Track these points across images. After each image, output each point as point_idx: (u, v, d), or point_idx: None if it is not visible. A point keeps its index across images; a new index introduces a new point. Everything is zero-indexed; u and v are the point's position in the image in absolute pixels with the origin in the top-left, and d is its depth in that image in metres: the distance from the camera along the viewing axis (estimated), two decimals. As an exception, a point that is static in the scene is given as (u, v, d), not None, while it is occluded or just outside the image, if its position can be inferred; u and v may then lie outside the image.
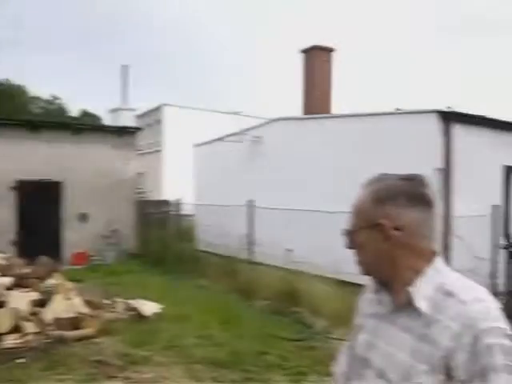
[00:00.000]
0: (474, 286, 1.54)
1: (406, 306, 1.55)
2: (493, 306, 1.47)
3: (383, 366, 1.57)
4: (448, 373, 1.43)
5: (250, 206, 11.55)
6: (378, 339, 1.63)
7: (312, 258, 10.27)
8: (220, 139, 14.88)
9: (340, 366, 1.88)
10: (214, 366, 6.09)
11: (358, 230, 1.64)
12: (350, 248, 1.68)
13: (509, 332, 1.44)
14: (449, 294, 1.50)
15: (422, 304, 1.51)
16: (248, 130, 13.75)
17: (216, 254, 12.63)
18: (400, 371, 1.51)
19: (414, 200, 1.58)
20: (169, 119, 31.21)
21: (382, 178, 1.67)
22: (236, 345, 6.85)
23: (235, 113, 14.86)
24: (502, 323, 1.45)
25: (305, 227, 10.92)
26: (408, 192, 1.59)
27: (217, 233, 13.21)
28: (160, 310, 8.23)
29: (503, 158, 10.64)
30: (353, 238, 1.66)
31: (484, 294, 1.51)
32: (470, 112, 10.03)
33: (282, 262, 11.03)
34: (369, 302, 1.77)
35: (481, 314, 1.43)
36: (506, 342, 1.41)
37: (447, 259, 9.20)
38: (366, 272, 1.69)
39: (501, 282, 8.61)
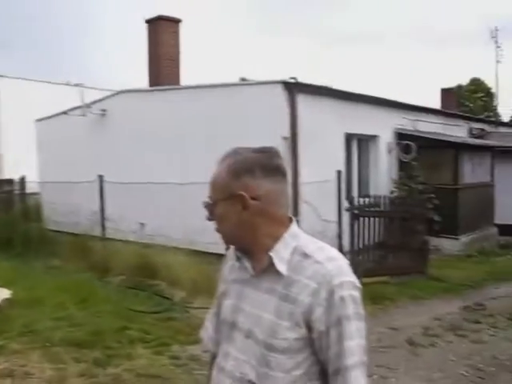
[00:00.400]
0: (326, 246, 1.71)
1: (268, 270, 1.67)
2: (343, 263, 1.66)
3: (250, 327, 1.68)
4: (309, 325, 1.60)
5: (100, 181, 11.23)
6: (243, 303, 1.73)
7: (166, 230, 10.28)
8: (64, 113, 14.20)
9: (207, 332, 1.98)
10: (74, 347, 5.92)
11: (217, 203, 1.71)
12: (211, 220, 1.76)
13: (357, 284, 1.64)
14: (305, 255, 1.65)
15: (281, 267, 1.64)
16: (93, 103, 13.26)
17: (67, 233, 12.17)
18: (266, 330, 1.64)
19: (270, 171, 1.69)
20: (5, 92, 29.10)
21: (237, 151, 1.74)
22: (95, 323, 6.70)
23: (79, 85, 14.25)
24: (352, 277, 1.64)
25: (156, 200, 10.86)
26: (263, 164, 1.70)
27: (66, 210, 12.71)
28: (10, 296, 7.80)
29: (346, 126, 11.32)
30: (213, 211, 1.73)
31: (335, 253, 1.69)
32: (314, 83, 10.48)
33: (135, 236, 10.92)
34: (231, 269, 1.86)
35: (334, 271, 1.60)
36: (355, 293, 1.62)
37: (297, 223, 9.67)
38: (228, 242, 1.79)
39: (346, 242, 9.23)
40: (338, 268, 1.63)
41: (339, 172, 9.27)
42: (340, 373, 1.59)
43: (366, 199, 9.91)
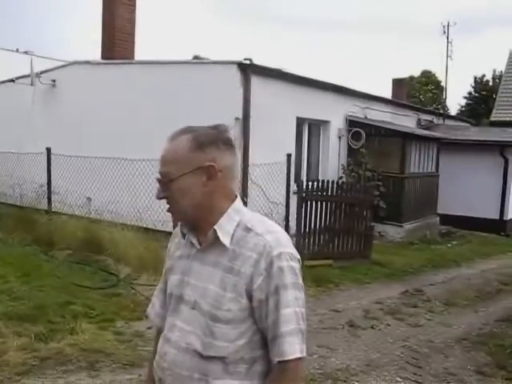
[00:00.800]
0: (266, 220, 1.82)
1: (213, 244, 1.74)
2: (283, 235, 1.76)
3: (197, 299, 1.75)
4: (250, 295, 1.69)
5: (48, 154, 10.99)
6: (189, 277, 1.80)
7: (113, 206, 10.18)
8: (11, 80, 13.78)
9: (154, 308, 2.04)
10: (16, 321, 5.85)
11: (178, 178, 1.72)
12: (162, 198, 1.77)
13: (297, 256, 1.74)
14: (247, 229, 1.73)
15: (226, 240, 1.72)
16: (43, 72, 12.91)
17: (11, 205, 11.89)
18: (211, 301, 1.71)
19: (227, 145, 1.76)
20: None
21: (191, 128, 1.79)
22: (38, 297, 6.64)
23: (29, 52, 13.82)
24: (291, 249, 1.74)
25: (104, 176, 10.72)
26: (222, 138, 1.76)
27: (10, 182, 12.40)
28: (-52, 269, 7.62)
29: (298, 110, 11.42)
30: (169, 187, 1.73)
31: (275, 226, 1.79)
32: (269, 65, 10.52)
33: (82, 211, 10.77)
34: (177, 246, 1.92)
35: (273, 243, 1.69)
36: (294, 264, 1.71)
37: (245, 205, 9.74)
38: (182, 218, 1.82)
39: (293, 224, 9.36)
40: (277, 240, 1.71)
41: (289, 155, 9.37)
42: (276, 339, 1.68)
43: (315, 183, 10.03)
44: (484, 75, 47.05)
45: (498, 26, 76.27)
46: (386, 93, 24.42)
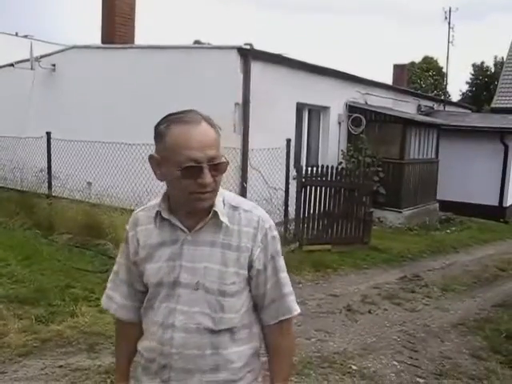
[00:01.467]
0: (242, 198, 1.98)
1: (208, 224, 1.81)
2: (263, 210, 1.95)
3: (199, 280, 1.80)
4: (250, 266, 1.84)
5: (48, 138, 11.00)
6: (182, 261, 1.82)
7: (114, 190, 10.21)
8: (11, 65, 13.75)
9: (115, 301, 2.03)
10: (17, 304, 5.91)
11: (222, 160, 1.76)
12: (211, 181, 1.73)
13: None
14: (233, 207, 1.86)
15: (224, 219, 1.81)
16: (43, 56, 12.88)
17: (11, 189, 11.92)
18: (216, 279, 1.80)
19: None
20: None
21: (197, 111, 1.80)
22: (39, 280, 6.70)
23: (29, 36, 13.78)
24: (271, 220, 1.94)
25: (105, 160, 10.74)
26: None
27: (11, 166, 12.42)
28: (-50, 250, 7.69)
29: (298, 95, 11.41)
30: (220, 170, 1.76)
31: (252, 203, 1.96)
32: (269, 51, 10.49)
33: (82, 195, 10.81)
34: (147, 233, 1.90)
35: (263, 217, 1.89)
36: (277, 233, 1.93)
37: (245, 190, 9.78)
38: (211, 202, 1.80)
39: (292, 209, 9.40)
40: (264, 214, 1.92)
41: (289, 140, 9.37)
42: (280, 300, 1.92)
43: (314, 169, 10.06)
44: (483, 62, 46.90)
45: (501, 12, 75.75)
46: (387, 79, 24.37)
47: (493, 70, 44.72)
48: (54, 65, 12.72)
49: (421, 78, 45.92)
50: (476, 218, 15.04)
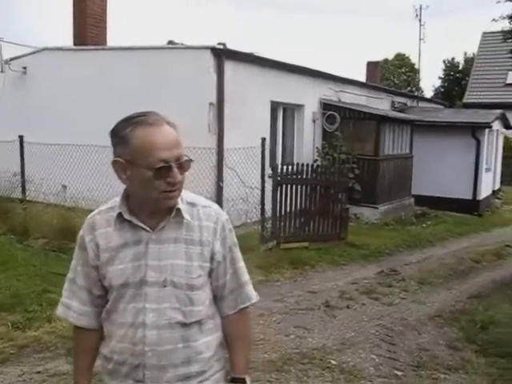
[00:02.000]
0: (198, 196, 2.02)
1: (170, 222, 1.86)
2: (217, 205, 2.04)
3: (167, 277, 1.84)
4: (212, 259, 1.92)
5: (20, 142, 10.87)
6: (147, 260, 1.85)
7: (89, 193, 10.12)
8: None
9: (72, 308, 1.99)
10: (-8, 310, 5.86)
11: (187, 158, 1.83)
12: (180, 180, 1.81)
13: None
14: (191, 204, 1.93)
15: (187, 216, 1.87)
16: (13, 59, 12.72)
17: (-16, 194, 11.75)
18: (182, 273, 1.85)
19: None
20: None
21: (155, 112, 1.84)
22: (15, 286, 6.62)
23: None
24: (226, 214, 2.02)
25: (80, 162, 10.64)
26: None
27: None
28: None
29: (272, 94, 11.44)
30: (185, 168, 1.83)
31: (208, 199, 2.03)
32: (243, 50, 10.51)
33: (57, 199, 10.71)
34: (106, 236, 1.91)
35: (219, 211, 1.99)
36: (232, 226, 2.03)
37: (221, 190, 9.79)
38: (176, 201, 1.87)
39: (269, 208, 9.42)
40: (219, 208, 2.02)
41: (264, 139, 9.40)
42: (239, 289, 2.02)
43: (290, 167, 10.10)
44: (454, 58, 47.47)
45: (470, 9, 76.74)
46: (361, 76, 24.53)
47: (464, 66, 45.23)
48: (24, 67, 12.58)
49: (394, 74, 46.28)
50: (451, 211, 15.22)
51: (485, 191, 17.00)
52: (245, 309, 2.04)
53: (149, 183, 1.76)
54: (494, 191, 19.04)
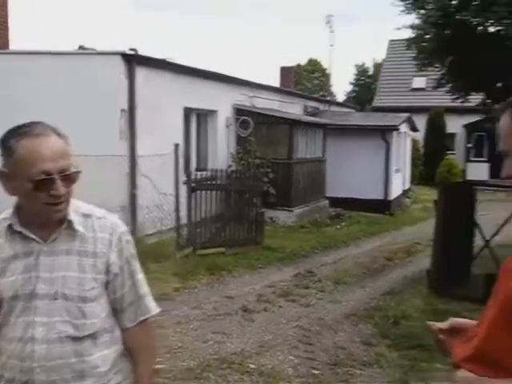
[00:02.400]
0: (95, 207, 1.97)
1: (62, 234, 1.81)
2: (116, 216, 2.00)
3: (58, 289, 1.78)
4: (107, 271, 1.87)
5: None
6: (38, 272, 1.79)
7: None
8: None
9: None
10: None
11: (74, 170, 1.78)
12: (64, 192, 1.76)
13: None
14: (85, 215, 1.88)
15: (80, 228, 1.83)
16: None
17: None
18: (75, 286, 1.80)
19: None
20: None
21: (43, 123, 1.80)
22: None
23: None
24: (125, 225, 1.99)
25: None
26: None
27: None
28: None
29: (185, 100, 11.36)
30: (74, 180, 1.79)
31: (103, 210, 1.98)
32: (154, 56, 10.39)
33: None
34: (2, 246, 1.83)
35: (116, 222, 1.95)
36: (131, 238, 1.99)
37: (135, 197, 9.61)
38: (65, 213, 1.82)
39: (184, 214, 9.34)
40: (116, 220, 1.97)
41: (177, 145, 9.32)
42: (138, 301, 1.98)
43: (204, 173, 10.07)
44: (364, 63, 49.16)
45: (378, 17, 79.66)
46: (275, 81, 24.86)
47: (373, 72, 46.84)
48: None
49: (307, 79, 47.25)
50: (364, 212, 15.64)
51: (395, 191, 17.61)
52: (145, 321, 2.01)
53: (31, 195, 1.73)
54: (404, 191, 19.75)
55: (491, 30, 7.72)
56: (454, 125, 23.28)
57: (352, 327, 6.42)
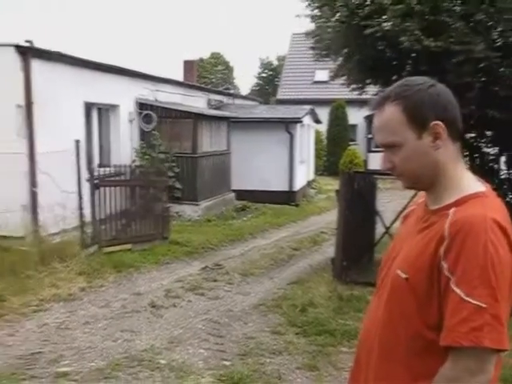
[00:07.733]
0: None
1: None
2: None
3: None
4: None
5: None
6: None
7: None
8: None
9: None
10: None
11: None
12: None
13: None
14: None
15: None
16: None
17: None
18: None
19: None
20: None
21: None
22: None
23: None
24: None
25: None
26: None
27: None
28: None
29: (85, 95, 11.03)
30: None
31: None
32: (52, 49, 9.99)
33: None
34: None
35: None
36: None
37: (35, 196, 9.26)
38: None
39: (87, 212, 9.10)
40: None
41: (77, 141, 9.05)
42: None
43: (108, 169, 9.85)
44: (268, 57, 49.81)
45: (282, 11, 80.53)
46: (179, 75, 24.62)
47: (277, 65, 47.53)
48: None
49: (211, 72, 47.24)
50: (270, 203, 15.87)
51: (300, 182, 17.99)
52: None
53: None
54: (308, 182, 20.21)
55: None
56: (355, 116, 24.01)
57: (261, 317, 6.53)
